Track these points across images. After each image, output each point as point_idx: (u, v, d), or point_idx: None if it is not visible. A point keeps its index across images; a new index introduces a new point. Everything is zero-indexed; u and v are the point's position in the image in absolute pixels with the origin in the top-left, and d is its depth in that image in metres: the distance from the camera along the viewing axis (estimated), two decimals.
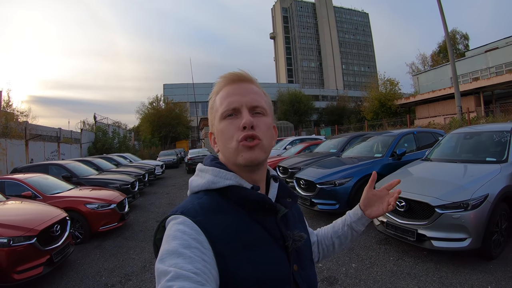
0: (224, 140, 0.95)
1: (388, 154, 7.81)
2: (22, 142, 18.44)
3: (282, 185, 1.08)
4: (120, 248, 6.50)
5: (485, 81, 28.07)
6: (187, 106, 55.45)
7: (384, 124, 27.11)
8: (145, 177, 14.09)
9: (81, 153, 25.90)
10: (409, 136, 8.72)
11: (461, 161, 5.85)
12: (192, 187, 1.02)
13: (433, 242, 4.51)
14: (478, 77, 32.96)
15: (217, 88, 1.01)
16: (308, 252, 1.10)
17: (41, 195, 7.15)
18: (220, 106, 0.96)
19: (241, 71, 0.99)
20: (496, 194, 4.47)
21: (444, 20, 16.09)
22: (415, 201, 4.81)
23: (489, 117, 18.73)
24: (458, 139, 6.70)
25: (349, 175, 7.12)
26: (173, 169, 27.09)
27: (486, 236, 4.36)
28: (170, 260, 0.73)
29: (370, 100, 38.69)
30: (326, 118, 57.78)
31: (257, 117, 0.95)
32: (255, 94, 0.98)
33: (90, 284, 4.90)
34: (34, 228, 4.82)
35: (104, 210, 7.19)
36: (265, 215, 0.94)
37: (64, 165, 10.76)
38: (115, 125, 35.15)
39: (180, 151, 37.21)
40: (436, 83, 38.05)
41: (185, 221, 0.83)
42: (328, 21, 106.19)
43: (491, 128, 6.56)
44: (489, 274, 4.14)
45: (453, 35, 55.54)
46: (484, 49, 36.59)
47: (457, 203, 4.37)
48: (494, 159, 5.42)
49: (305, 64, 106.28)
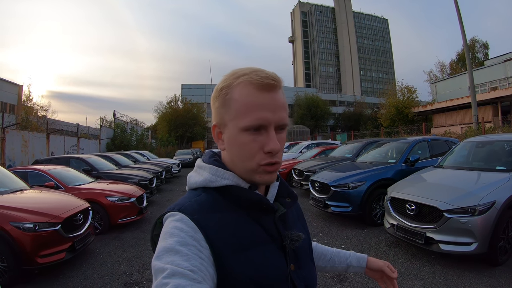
0: (242, 156, 0.90)
1: (401, 160, 7.88)
2: (44, 135, 18.96)
3: (282, 185, 1.07)
4: (138, 240, 6.70)
5: (503, 91, 27.84)
6: (204, 107, 55.73)
7: (400, 131, 27.00)
8: (162, 174, 14.36)
9: (100, 149, 26.42)
10: (423, 144, 8.76)
11: (472, 169, 5.91)
12: (190, 183, 1.01)
13: (441, 246, 4.62)
14: (497, 87, 32.72)
15: (238, 83, 0.90)
16: (307, 251, 1.08)
17: (63, 186, 7.42)
18: (245, 114, 0.87)
19: (273, 75, 0.90)
20: (503, 201, 4.56)
21: (463, 28, 16.04)
22: (424, 205, 4.94)
23: (505, 127, 18.58)
24: (470, 148, 6.77)
25: (363, 179, 7.22)
26: (189, 168, 27.21)
27: (492, 241, 4.46)
28: (167, 257, 0.74)
29: (387, 107, 38.56)
30: (342, 123, 57.61)
31: (279, 134, 0.91)
32: (283, 108, 0.91)
33: (109, 271, 5.10)
34: (59, 215, 5.04)
35: (124, 203, 7.43)
36: (263, 215, 0.94)
37: (84, 158, 11.13)
38: (133, 122, 35.65)
39: (196, 151, 37.40)
40: (454, 91, 37.72)
41: (183, 218, 0.84)
42: (347, 26, 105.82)
43: (503, 137, 6.65)
44: (494, 279, 4.22)
45: (473, 43, 54.88)
46: (503, 58, 36.22)
47: (465, 208, 4.48)
48: (504, 167, 5.49)
49: (323, 69, 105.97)
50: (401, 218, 5.34)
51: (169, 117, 48.97)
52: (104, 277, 4.88)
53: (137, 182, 9.77)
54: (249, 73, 0.89)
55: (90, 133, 31.84)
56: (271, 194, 1.00)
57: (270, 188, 1.02)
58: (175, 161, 21.74)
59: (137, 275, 4.91)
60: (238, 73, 0.91)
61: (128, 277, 4.85)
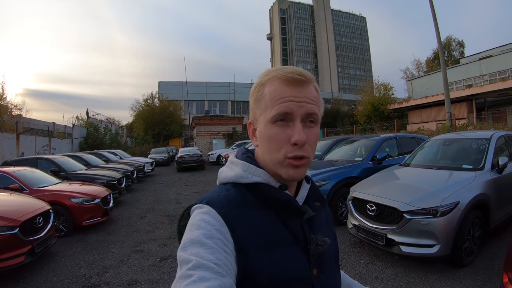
0: (270, 148, 0.91)
1: (368, 158, 7.93)
2: (14, 135, 18.62)
3: (313, 188, 1.06)
4: (101, 242, 6.70)
5: (478, 89, 28.33)
6: (181, 105, 55.40)
7: (374, 128, 27.32)
8: (133, 174, 14.32)
9: (72, 148, 26.05)
10: (391, 141, 8.84)
11: (438, 168, 5.91)
12: (221, 178, 1.02)
13: (402, 247, 4.56)
14: (472, 84, 33.20)
15: (268, 79, 0.94)
16: (332, 257, 1.06)
17: (28, 188, 7.34)
18: (271, 106, 0.90)
19: (301, 71, 0.92)
20: (467, 201, 4.51)
21: (437, 28, 16.32)
22: (385, 205, 4.88)
23: (477, 124, 18.95)
24: (438, 146, 6.77)
25: (327, 177, 7.15)
26: (164, 167, 27.34)
27: (457, 243, 4.40)
28: (192, 249, 0.74)
29: (364, 104, 38.76)
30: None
31: (308, 127, 0.91)
32: (312, 100, 0.92)
33: (69, 274, 5.10)
34: (17, 219, 5.03)
35: (88, 205, 7.40)
36: (291, 216, 0.93)
37: (53, 159, 10.99)
38: (108, 121, 35.30)
39: (172, 149, 37.26)
40: (429, 89, 38.23)
41: (210, 211, 0.84)
42: (326, 24, 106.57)
43: (470, 135, 6.64)
44: (458, 282, 4.18)
45: (449, 42, 55.88)
46: (478, 56, 36.84)
47: (426, 209, 4.42)
48: (470, 166, 5.50)
49: (301, 66, 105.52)
50: (362, 219, 5.29)
51: (145, 115, 48.41)
52: (64, 280, 4.89)
53: (105, 183, 9.73)
54: (277, 70, 0.93)
55: (66, 132, 31.38)
56: (301, 196, 1.01)
57: (301, 190, 1.02)
58: (149, 160, 21.69)
59: (96, 278, 4.92)
60: (269, 71, 0.95)
61: (87, 280, 4.86)
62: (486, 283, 4.10)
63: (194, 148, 27.83)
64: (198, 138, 34.86)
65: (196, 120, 36.72)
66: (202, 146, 33.00)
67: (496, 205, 5.10)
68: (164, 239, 6.74)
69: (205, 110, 51.05)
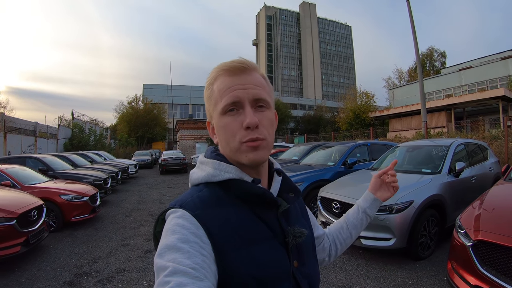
0: (226, 138, 0.91)
1: (340, 163, 8.53)
2: (1, 134, 18.86)
3: (285, 180, 1.05)
4: (90, 237, 7.11)
5: (457, 98, 29.30)
6: (165, 108, 55.47)
7: (353, 135, 27.97)
8: (118, 175, 14.63)
9: (57, 149, 26.14)
10: (363, 148, 9.50)
11: (401, 172, 6.30)
12: (192, 179, 1.00)
13: (362, 241, 5.06)
14: (451, 94, 34.26)
15: (214, 77, 0.95)
16: (310, 248, 1.07)
17: (19, 185, 7.71)
18: (220, 99, 0.91)
19: (242, 60, 0.94)
20: (421, 201, 5.04)
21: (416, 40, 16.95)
22: (347, 203, 5.52)
23: (449, 133, 19.76)
24: (404, 152, 7.32)
25: (301, 180, 7.72)
26: (147, 169, 27.65)
27: (412, 237, 4.92)
28: (168, 255, 0.73)
29: (346, 112, 39.33)
30: (303, 126, 58.19)
31: (259, 111, 0.91)
32: (257, 86, 0.92)
33: (61, 264, 5.53)
34: (15, 211, 5.44)
35: (77, 202, 7.81)
36: (266, 210, 0.92)
37: (41, 158, 11.33)
38: (92, 122, 35.33)
39: (156, 152, 37.29)
40: (410, 97, 39.12)
41: (184, 214, 0.83)
42: (311, 31, 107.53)
43: (433, 143, 7.24)
44: (413, 272, 4.69)
45: (431, 52, 57.51)
46: (458, 67, 38.13)
47: (383, 207, 4.89)
48: (429, 170, 6.07)
49: (286, 72, 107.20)
50: (329, 216, 5.90)
51: (129, 117, 48.51)
52: (56, 269, 5.30)
53: (91, 182, 10.09)
54: (220, 65, 0.94)
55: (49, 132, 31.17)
56: (274, 189, 1.00)
57: (273, 183, 1.01)
58: (132, 162, 21.95)
59: (87, 267, 5.35)
60: (214, 69, 0.96)
61: (78, 269, 5.28)
62: (439, 274, 4.59)
63: (177, 151, 28.20)
64: (182, 142, 35.01)
65: (180, 123, 36.84)
66: (185, 149, 33.15)
67: (452, 206, 5.62)
68: (148, 235, 7.15)
69: (189, 114, 51.21)
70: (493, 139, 14.20)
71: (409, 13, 17.11)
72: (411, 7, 17.00)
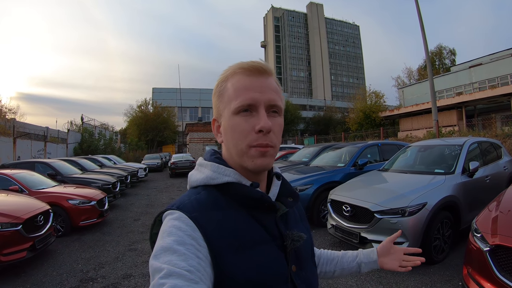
0: (235, 138, 0.90)
1: (350, 164, 8.36)
2: (11, 139, 18.94)
3: (284, 184, 1.05)
4: (97, 242, 7.06)
5: (468, 96, 28.88)
6: (175, 111, 55.49)
7: (363, 136, 27.74)
8: (127, 179, 14.64)
9: (67, 153, 26.29)
10: (374, 148, 9.30)
11: (412, 172, 6.27)
12: (191, 181, 1.00)
13: (374, 245, 4.77)
14: (462, 92, 33.75)
15: (231, 74, 0.94)
16: (308, 252, 1.06)
17: (27, 190, 7.71)
18: (235, 98, 0.89)
19: (262, 62, 0.93)
20: (435, 203, 4.84)
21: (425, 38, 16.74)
22: (358, 206, 5.31)
23: (461, 132, 19.38)
24: (416, 152, 7.15)
25: (310, 182, 7.58)
26: (157, 173, 27.57)
27: (425, 241, 4.72)
28: (164, 257, 0.73)
29: (356, 112, 39.07)
30: (312, 127, 58.06)
31: (272, 117, 0.90)
32: (273, 91, 0.92)
33: (67, 269, 5.48)
34: (20, 216, 5.42)
35: (84, 206, 7.77)
36: (264, 214, 0.92)
37: (49, 163, 11.33)
38: (102, 127, 35.49)
39: (166, 155, 37.31)
40: (420, 96, 38.63)
41: (181, 216, 0.82)
42: (319, 32, 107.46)
43: (445, 142, 7.05)
44: (427, 277, 4.51)
45: (440, 50, 56.76)
46: (468, 64, 37.37)
47: (395, 209, 4.76)
48: (442, 170, 5.86)
49: (295, 73, 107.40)
50: (339, 219, 5.71)
51: (139, 121, 48.54)
52: (63, 274, 5.25)
53: (100, 186, 10.07)
54: (238, 64, 0.93)
55: (59, 137, 31.43)
56: (273, 193, 0.99)
57: (272, 187, 1.01)
58: (142, 166, 21.94)
59: (93, 273, 5.30)
60: (230, 67, 0.95)
61: (84, 275, 5.23)
62: (454, 279, 4.41)
63: (187, 154, 28.14)
64: (191, 145, 35.11)
65: (189, 126, 36.95)
66: (195, 152, 33.25)
67: (467, 207, 5.41)
68: None
69: (199, 117, 51.37)
70: (506, 137, 13.95)
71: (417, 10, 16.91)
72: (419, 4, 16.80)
